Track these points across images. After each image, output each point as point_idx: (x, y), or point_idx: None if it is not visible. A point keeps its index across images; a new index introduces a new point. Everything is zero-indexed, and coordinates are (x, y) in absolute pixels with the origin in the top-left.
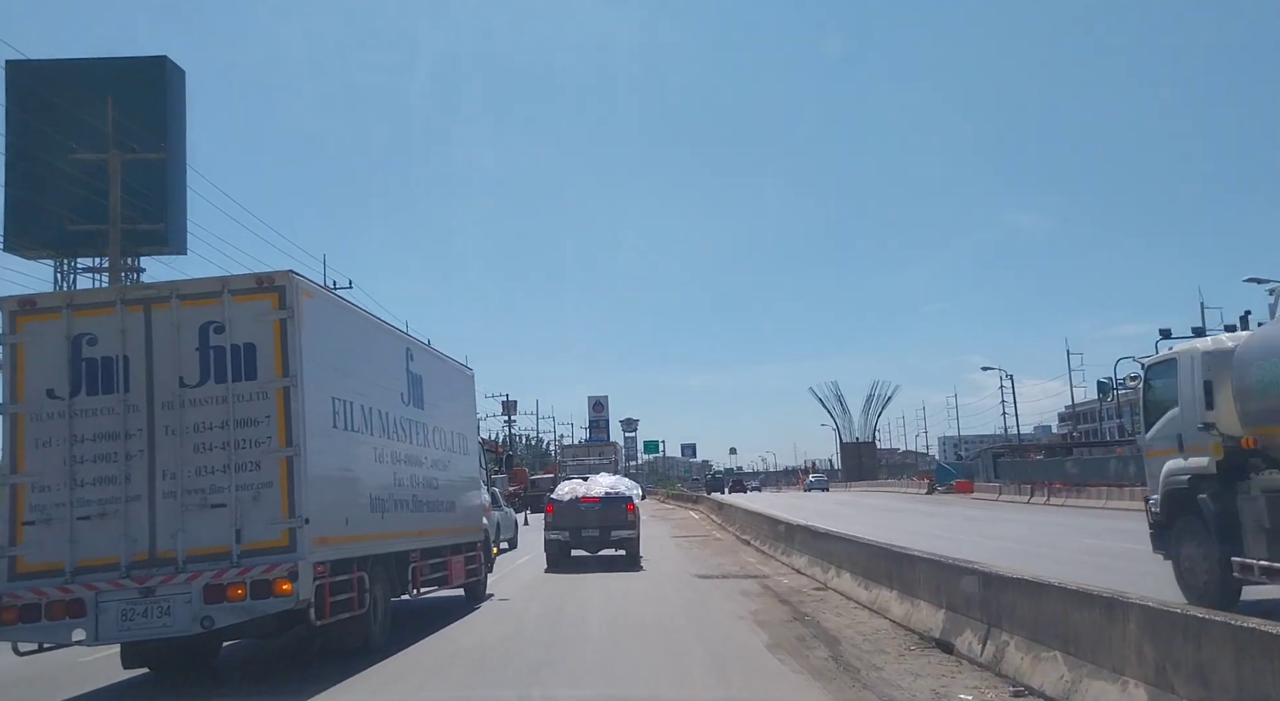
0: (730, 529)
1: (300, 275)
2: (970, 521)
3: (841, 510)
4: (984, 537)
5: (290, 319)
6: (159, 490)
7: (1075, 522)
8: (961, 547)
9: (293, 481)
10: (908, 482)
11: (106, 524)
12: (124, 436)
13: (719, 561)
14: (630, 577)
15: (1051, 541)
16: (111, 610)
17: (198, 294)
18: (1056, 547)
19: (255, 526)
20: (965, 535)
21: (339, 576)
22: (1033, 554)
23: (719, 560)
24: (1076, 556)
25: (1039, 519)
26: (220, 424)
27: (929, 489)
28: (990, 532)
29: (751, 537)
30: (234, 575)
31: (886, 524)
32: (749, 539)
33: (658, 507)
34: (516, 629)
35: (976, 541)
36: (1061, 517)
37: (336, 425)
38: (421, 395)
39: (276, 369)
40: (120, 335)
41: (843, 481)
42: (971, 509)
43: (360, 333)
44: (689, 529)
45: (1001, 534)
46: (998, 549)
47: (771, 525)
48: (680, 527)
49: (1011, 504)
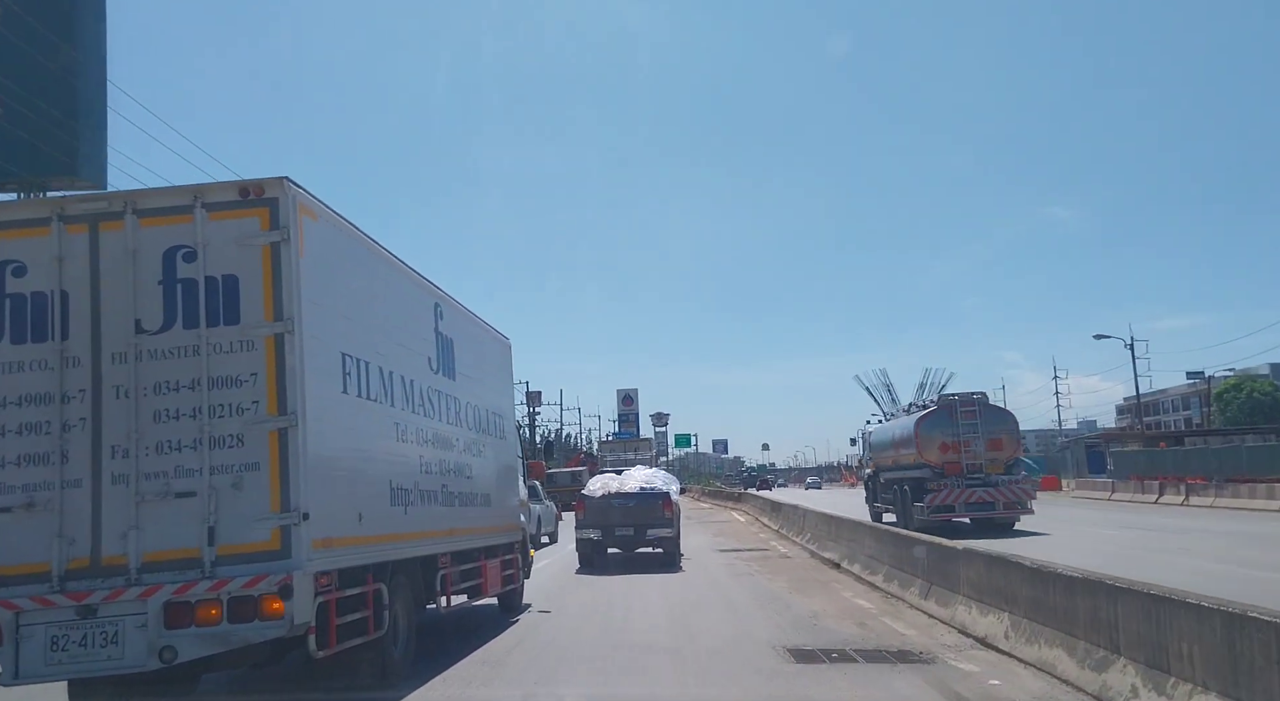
0: (797, 539)
1: (298, 185)
2: (1158, 534)
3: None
4: (1241, 566)
5: (285, 243)
6: (106, 473)
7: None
8: (1232, 587)
9: (286, 463)
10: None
11: (33, 518)
12: (60, 399)
13: (810, 606)
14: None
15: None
16: (38, 636)
17: (161, 209)
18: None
19: (235, 523)
20: (1205, 561)
21: (349, 589)
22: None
23: (808, 603)
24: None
25: (1230, 526)
26: (190, 384)
27: None
28: (1225, 554)
29: (839, 557)
30: (205, 590)
31: (1049, 544)
32: (832, 557)
33: (694, 508)
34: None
35: (1243, 575)
36: (1250, 524)
37: (348, 390)
38: (453, 363)
39: (266, 311)
40: (57, 264)
41: None
42: (1108, 511)
43: (380, 274)
44: (738, 537)
45: (1245, 556)
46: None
47: (893, 542)
48: (726, 535)
49: (1138, 504)
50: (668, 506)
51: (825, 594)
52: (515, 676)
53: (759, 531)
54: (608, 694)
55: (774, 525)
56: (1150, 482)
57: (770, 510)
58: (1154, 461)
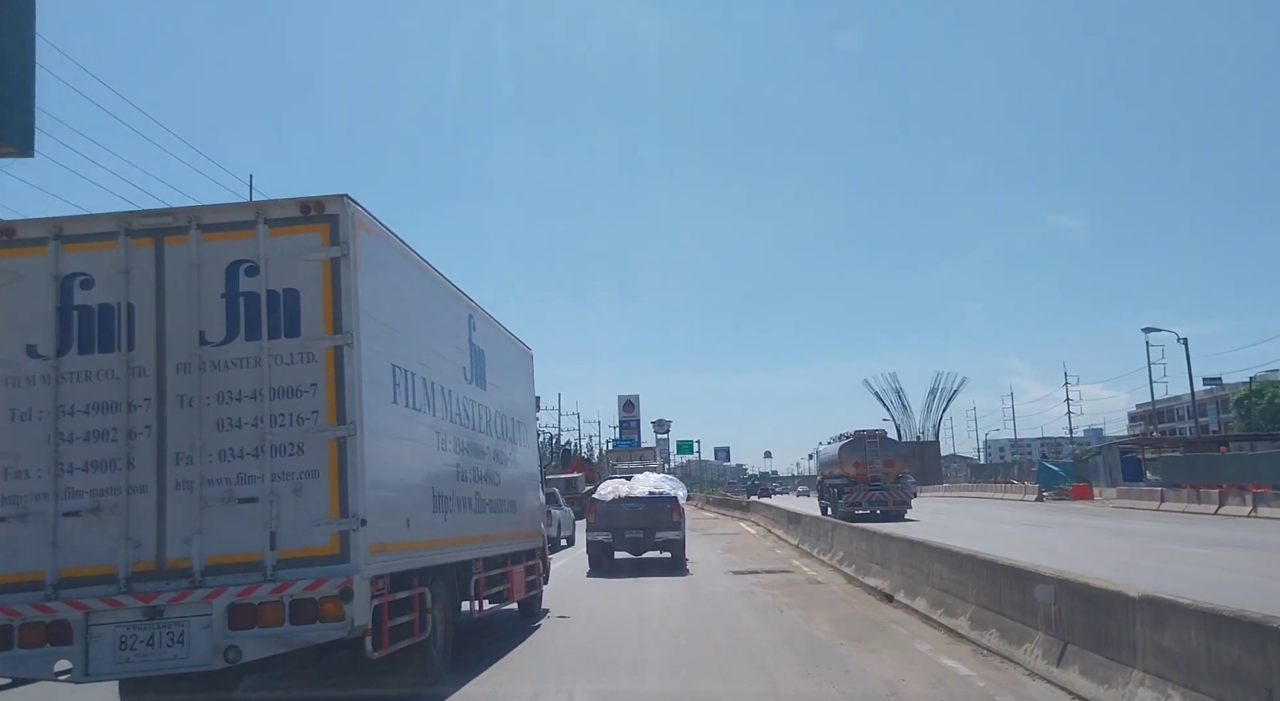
0: (826, 559)
1: (356, 202)
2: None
3: (968, 525)
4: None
5: (344, 258)
6: (171, 479)
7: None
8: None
9: (345, 470)
10: (999, 486)
11: (101, 522)
12: (126, 408)
13: (878, 669)
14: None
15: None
16: (106, 636)
17: (224, 224)
18: None
19: (296, 528)
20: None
21: (398, 593)
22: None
23: (872, 662)
24: None
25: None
26: (252, 394)
27: (1038, 496)
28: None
29: (891, 586)
30: (269, 592)
31: (1133, 563)
32: (880, 585)
33: (698, 517)
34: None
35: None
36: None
37: (396, 400)
38: (484, 372)
39: (325, 323)
40: (123, 276)
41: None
42: (1175, 525)
43: (422, 286)
44: (753, 554)
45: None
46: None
47: (989, 574)
48: (738, 551)
49: (1198, 515)
50: (676, 510)
51: (890, 645)
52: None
53: (774, 546)
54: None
55: (791, 539)
56: (1207, 491)
57: (786, 521)
58: (1210, 468)
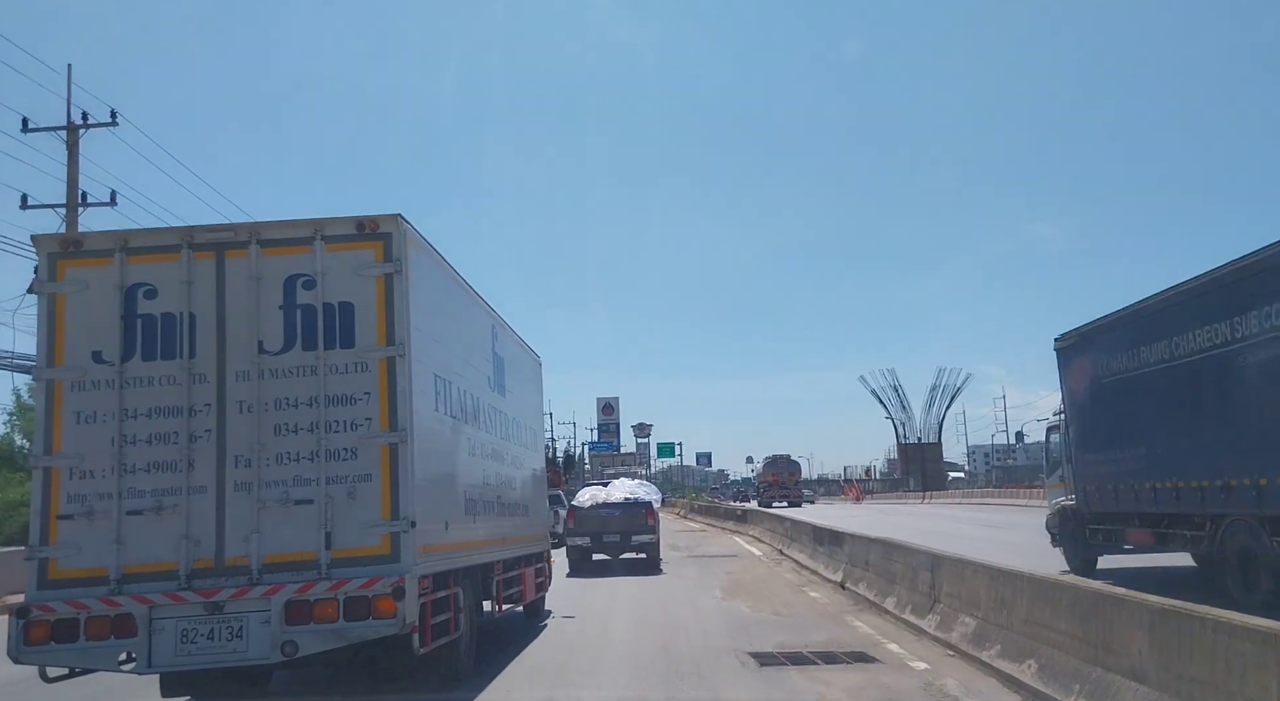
0: (913, 620)
1: (408, 221)
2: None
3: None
4: None
5: (397, 274)
6: (230, 481)
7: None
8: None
9: (396, 474)
10: (1023, 491)
11: (163, 521)
12: (188, 413)
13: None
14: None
15: None
16: (169, 630)
17: (283, 240)
18: None
19: (349, 529)
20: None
21: (439, 593)
22: None
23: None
24: None
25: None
26: (308, 401)
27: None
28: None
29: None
30: (325, 590)
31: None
32: (1057, 696)
33: (680, 530)
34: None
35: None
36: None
37: (438, 408)
38: (504, 380)
39: (379, 335)
40: (185, 287)
41: (915, 491)
42: None
43: (458, 299)
44: (771, 600)
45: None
46: None
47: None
48: (745, 590)
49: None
50: (650, 515)
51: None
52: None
53: (795, 577)
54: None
55: (820, 568)
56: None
57: (811, 540)
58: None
